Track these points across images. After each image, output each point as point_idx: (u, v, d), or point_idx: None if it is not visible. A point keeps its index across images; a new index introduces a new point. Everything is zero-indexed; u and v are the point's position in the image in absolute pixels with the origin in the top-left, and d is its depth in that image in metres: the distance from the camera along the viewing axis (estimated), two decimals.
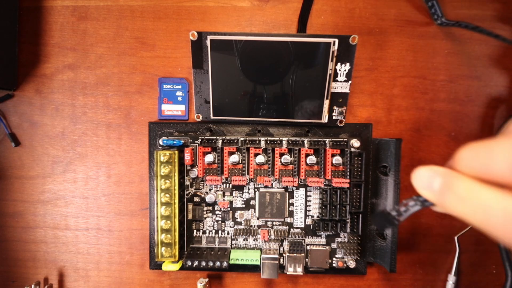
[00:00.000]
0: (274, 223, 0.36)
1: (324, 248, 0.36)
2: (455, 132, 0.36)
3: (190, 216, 0.36)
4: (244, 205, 0.36)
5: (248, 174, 0.34)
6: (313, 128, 0.35)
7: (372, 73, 0.36)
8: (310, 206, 0.36)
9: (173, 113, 0.36)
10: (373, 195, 0.35)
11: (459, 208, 0.17)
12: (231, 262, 0.34)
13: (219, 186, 0.36)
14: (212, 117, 0.35)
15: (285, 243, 0.36)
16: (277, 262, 0.34)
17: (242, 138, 0.34)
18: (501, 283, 0.36)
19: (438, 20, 0.32)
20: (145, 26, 0.36)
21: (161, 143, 0.35)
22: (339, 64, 0.33)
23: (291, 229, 0.36)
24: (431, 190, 0.19)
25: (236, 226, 0.36)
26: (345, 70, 0.33)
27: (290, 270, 0.34)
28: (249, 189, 0.36)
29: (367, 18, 0.36)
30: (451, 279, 0.36)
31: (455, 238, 0.37)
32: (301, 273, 0.34)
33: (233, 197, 0.36)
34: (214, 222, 0.36)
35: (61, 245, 0.38)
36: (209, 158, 0.34)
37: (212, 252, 0.35)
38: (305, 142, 0.34)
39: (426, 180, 0.19)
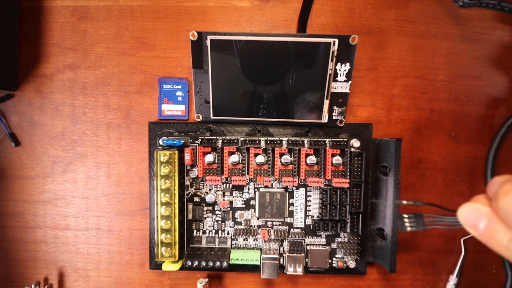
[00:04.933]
0: (274, 223, 0.36)
1: (324, 248, 0.36)
2: (455, 132, 0.36)
3: (190, 216, 0.36)
4: (244, 205, 0.36)
5: (248, 174, 0.34)
6: (313, 128, 0.35)
7: (372, 73, 0.36)
8: (310, 206, 0.36)
9: (173, 113, 0.36)
10: (373, 195, 0.35)
11: (503, 252, 0.19)
12: (231, 262, 0.34)
13: (219, 186, 0.36)
14: (212, 117, 0.35)
15: (285, 243, 0.36)
16: (277, 262, 0.34)
17: (242, 138, 0.34)
18: (501, 283, 0.36)
19: (459, 2, 0.32)
20: (145, 26, 0.36)
21: (161, 143, 0.35)
22: (339, 64, 0.33)
23: (291, 229, 0.36)
24: (477, 230, 0.20)
25: (236, 226, 0.36)
26: (345, 70, 0.33)
27: (290, 270, 0.34)
28: (249, 189, 0.36)
29: (367, 18, 0.36)
30: (453, 280, 0.36)
31: (461, 240, 0.36)
32: (301, 273, 0.34)
33: (233, 197, 0.36)
34: (214, 222, 0.36)
35: (61, 245, 0.38)
36: (209, 158, 0.34)
37: (212, 252, 0.35)
38: (305, 142, 0.34)
39: (473, 219, 0.20)
